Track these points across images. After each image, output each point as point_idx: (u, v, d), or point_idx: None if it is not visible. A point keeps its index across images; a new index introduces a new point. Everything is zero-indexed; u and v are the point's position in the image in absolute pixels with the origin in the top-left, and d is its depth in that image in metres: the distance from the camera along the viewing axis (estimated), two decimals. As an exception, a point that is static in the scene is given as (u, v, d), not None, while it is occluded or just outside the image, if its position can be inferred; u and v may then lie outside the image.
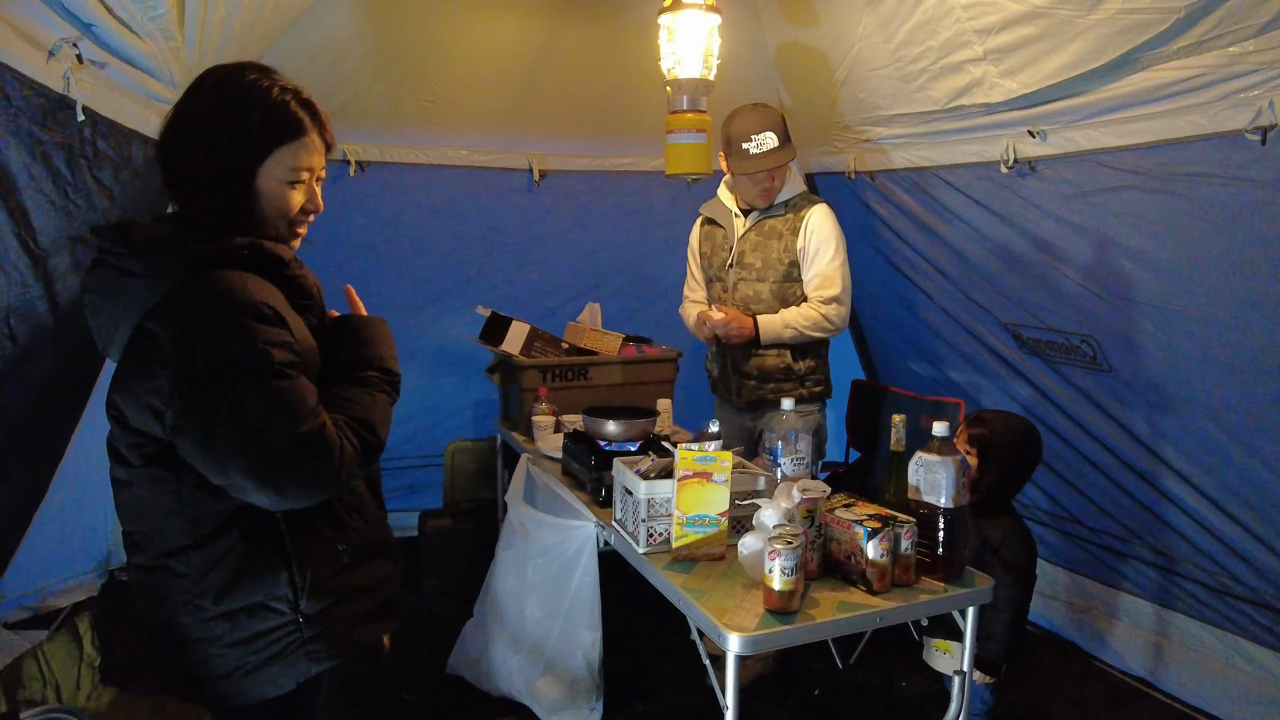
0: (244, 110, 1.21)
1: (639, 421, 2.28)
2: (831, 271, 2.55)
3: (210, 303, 1.13)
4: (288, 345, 1.17)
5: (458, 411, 3.91)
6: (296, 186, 1.27)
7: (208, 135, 1.20)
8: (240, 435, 1.11)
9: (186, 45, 2.09)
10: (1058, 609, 3.08)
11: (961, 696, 1.75)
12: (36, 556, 2.86)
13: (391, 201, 3.46)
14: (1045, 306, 2.77)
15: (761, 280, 2.62)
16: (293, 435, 1.12)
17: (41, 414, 2.35)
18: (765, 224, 2.63)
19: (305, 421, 1.14)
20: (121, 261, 1.18)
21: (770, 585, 1.53)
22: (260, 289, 1.17)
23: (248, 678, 1.24)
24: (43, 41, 1.73)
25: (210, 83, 1.24)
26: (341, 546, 1.28)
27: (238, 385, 1.12)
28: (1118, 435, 2.71)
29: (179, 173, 1.23)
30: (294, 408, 1.14)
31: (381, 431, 1.29)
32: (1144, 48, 2.01)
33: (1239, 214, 2.09)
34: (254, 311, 1.14)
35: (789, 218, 2.60)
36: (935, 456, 1.67)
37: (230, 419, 1.11)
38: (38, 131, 1.78)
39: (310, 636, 1.25)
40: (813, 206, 2.59)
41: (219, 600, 1.21)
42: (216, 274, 1.16)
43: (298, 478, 1.14)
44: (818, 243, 2.55)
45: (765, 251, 2.61)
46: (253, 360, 1.12)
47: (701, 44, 2.11)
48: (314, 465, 1.14)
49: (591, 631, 2.27)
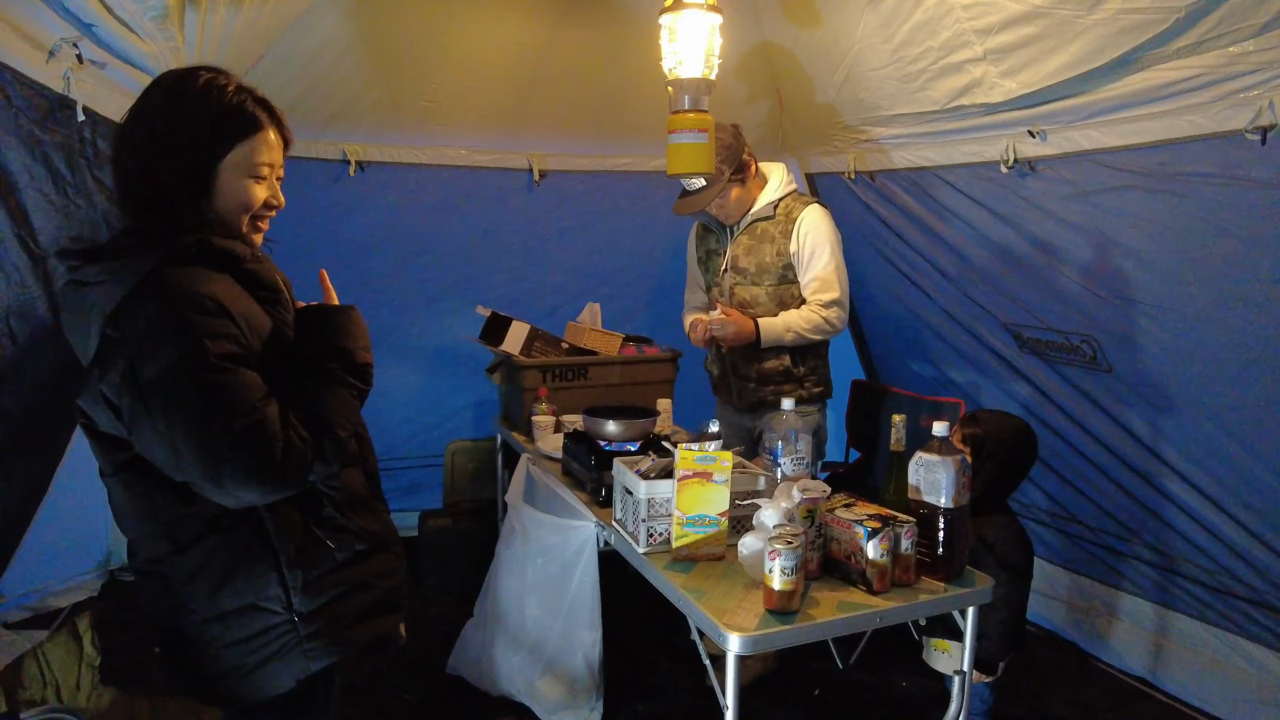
0: (202, 107, 1.22)
1: (639, 421, 2.28)
2: (828, 274, 2.55)
3: (153, 299, 1.13)
4: (230, 337, 1.15)
5: (458, 411, 3.91)
6: (259, 181, 1.28)
7: (168, 135, 1.21)
8: (183, 428, 1.11)
9: (186, 45, 2.09)
10: (1058, 609, 3.08)
11: (961, 696, 1.75)
12: (36, 556, 2.86)
13: (391, 201, 3.45)
14: (1045, 306, 2.77)
15: (757, 284, 2.62)
16: (229, 429, 1.11)
17: (41, 414, 2.35)
18: (757, 227, 2.63)
19: (243, 415, 1.13)
20: (78, 274, 1.19)
21: (770, 585, 1.53)
22: (206, 282, 1.16)
23: (247, 677, 1.24)
24: (43, 41, 1.74)
25: (164, 85, 1.24)
26: (333, 544, 1.28)
27: (177, 380, 1.11)
28: (1118, 435, 2.71)
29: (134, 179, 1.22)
30: (233, 401, 1.13)
31: (339, 425, 1.24)
32: (1144, 48, 2.01)
33: (1239, 214, 2.09)
34: (194, 304, 1.13)
35: (780, 219, 2.60)
36: (935, 456, 1.67)
37: (172, 413, 1.11)
38: (38, 131, 1.78)
39: (307, 634, 1.25)
40: (805, 208, 2.59)
41: (210, 603, 1.22)
42: (163, 272, 1.15)
43: (234, 472, 1.12)
44: (812, 245, 2.55)
45: (758, 255, 2.61)
46: (191, 355, 1.11)
47: (703, 44, 2.11)
48: (252, 459, 1.12)
49: (591, 631, 2.27)
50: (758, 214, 2.62)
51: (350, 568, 1.30)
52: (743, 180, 2.57)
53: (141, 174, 1.21)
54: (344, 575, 1.29)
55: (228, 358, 1.14)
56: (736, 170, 2.53)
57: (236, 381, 1.14)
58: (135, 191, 1.22)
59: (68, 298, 1.21)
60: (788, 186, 2.65)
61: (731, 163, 2.50)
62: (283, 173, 1.34)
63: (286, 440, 1.16)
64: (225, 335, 1.15)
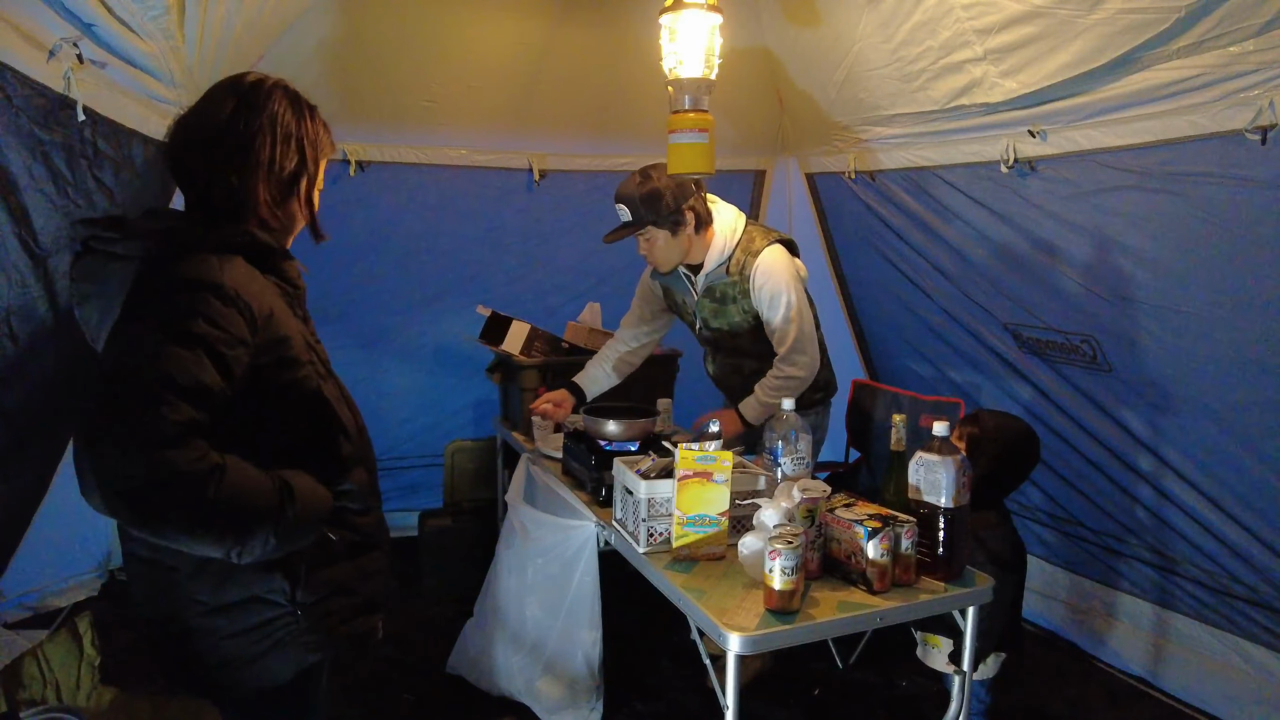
0: (313, 120, 1.34)
1: (639, 421, 2.28)
2: (784, 327, 2.43)
3: (181, 277, 1.12)
4: (228, 332, 1.11)
5: (458, 411, 3.90)
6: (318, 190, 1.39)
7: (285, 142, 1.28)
8: (109, 367, 1.06)
9: (186, 45, 2.09)
10: (1058, 609, 3.07)
11: (961, 696, 1.75)
12: (36, 556, 2.86)
13: (391, 201, 3.46)
14: (1045, 306, 2.77)
15: (736, 339, 2.57)
16: (150, 388, 1.02)
17: (41, 414, 2.35)
18: (715, 289, 2.51)
19: (169, 389, 1.02)
20: (111, 247, 1.19)
21: (770, 585, 1.53)
22: (235, 272, 1.16)
23: (247, 667, 1.25)
24: (43, 41, 1.73)
25: (275, 93, 1.29)
26: (334, 538, 1.28)
27: (145, 329, 1.08)
28: (1118, 435, 2.71)
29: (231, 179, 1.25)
30: (168, 369, 1.03)
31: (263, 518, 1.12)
32: (1144, 47, 2.01)
33: (1239, 214, 2.09)
34: (215, 289, 1.12)
35: (735, 279, 2.46)
36: (935, 456, 1.67)
37: (114, 348, 1.10)
38: (38, 131, 1.78)
39: (306, 627, 1.26)
40: (756, 261, 2.42)
41: (215, 594, 1.22)
42: (197, 255, 1.15)
43: (121, 434, 0.99)
44: (768, 298, 2.43)
45: (726, 317, 2.54)
46: (179, 320, 1.07)
47: (703, 44, 2.11)
48: (137, 434, 0.99)
49: (591, 631, 2.27)
50: (710, 276, 2.50)
51: (349, 563, 1.31)
52: (674, 231, 2.41)
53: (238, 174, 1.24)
54: (342, 570, 1.30)
55: (202, 340, 1.07)
56: (670, 220, 2.38)
57: (186, 358, 1.05)
58: (223, 189, 1.24)
59: (89, 269, 1.21)
60: (733, 237, 2.46)
61: (656, 211, 2.37)
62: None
63: (197, 454, 1.02)
64: (225, 327, 1.10)
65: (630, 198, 2.40)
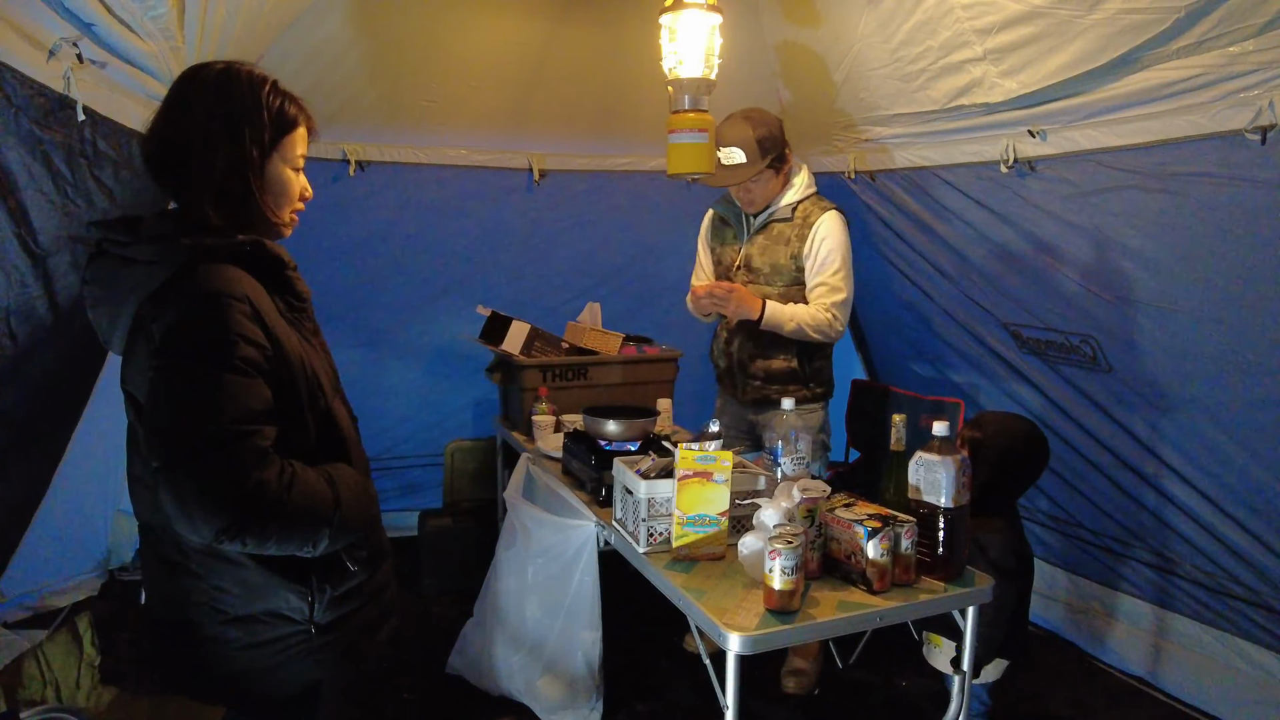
0: (256, 102, 1.25)
1: (639, 421, 2.28)
2: (838, 281, 2.53)
3: (203, 291, 1.14)
4: (259, 347, 1.16)
5: (458, 411, 3.91)
6: (298, 172, 1.33)
7: (221, 131, 1.22)
8: (170, 407, 1.10)
9: (186, 45, 2.09)
10: (1058, 610, 3.08)
11: (961, 696, 1.75)
12: (36, 556, 2.86)
13: (391, 201, 3.46)
14: (1045, 306, 2.77)
15: (770, 284, 2.62)
16: (236, 421, 1.09)
17: (41, 414, 2.35)
18: (773, 228, 2.62)
19: (236, 421, 1.09)
20: (124, 250, 1.19)
21: (770, 585, 1.53)
22: (251, 288, 1.19)
23: (256, 679, 1.25)
24: (43, 41, 1.73)
25: (210, 81, 1.24)
26: (352, 564, 1.29)
27: (199, 364, 1.11)
28: (1118, 436, 2.71)
29: (184, 171, 1.23)
30: (232, 402, 1.10)
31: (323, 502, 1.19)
32: (1144, 48, 2.01)
33: (1239, 214, 2.09)
34: (239, 304, 1.15)
35: (796, 223, 2.59)
36: (935, 456, 1.67)
37: (173, 386, 1.11)
38: (38, 131, 1.78)
39: (320, 645, 1.26)
40: (823, 214, 2.58)
41: (235, 607, 1.22)
42: (215, 266, 1.17)
43: (196, 474, 1.06)
44: (826, 251, 2.54)
45: (773, 256, 2.61)
46: (221, 345, 1.11)
47: (703, 43, 2.11)
48: (215, 471, 1.07)
49: (591, 631, 2.27)
50: (776, 214, 2.62)
51: (365, 582, 1.32)
52: (777, 171, 2.58)
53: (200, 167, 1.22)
54: (359, 589, 1.31)
55: (250, 363, 1.14)
56: (776, 160, 2.54)
57: (246, 385, 1.12)
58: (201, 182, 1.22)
59: (102, 271, 1.21)
60: (808, 189, 2.64)
61: (773, 150, 2.52)
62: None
63: (279, 470, 1.12)
64: (256, 343, 1.15)
65: (747, 139, 2.50)
